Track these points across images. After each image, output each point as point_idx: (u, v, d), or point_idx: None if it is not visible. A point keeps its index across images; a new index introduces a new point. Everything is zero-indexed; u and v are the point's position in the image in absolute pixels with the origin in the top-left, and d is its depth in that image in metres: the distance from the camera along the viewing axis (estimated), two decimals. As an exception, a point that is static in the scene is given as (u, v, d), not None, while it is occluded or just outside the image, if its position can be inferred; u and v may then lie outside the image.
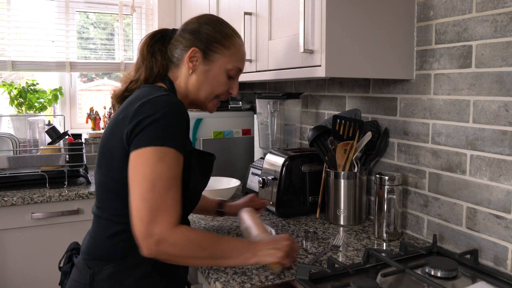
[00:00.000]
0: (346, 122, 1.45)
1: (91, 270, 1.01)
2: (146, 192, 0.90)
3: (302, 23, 1.22)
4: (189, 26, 1.14)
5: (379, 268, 1.07)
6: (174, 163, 0.93)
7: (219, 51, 1.11)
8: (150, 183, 0.90)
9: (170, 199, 0.91)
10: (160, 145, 0.92)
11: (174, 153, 0.94)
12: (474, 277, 1.03)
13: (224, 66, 1.12)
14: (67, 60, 2.62)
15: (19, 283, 1.91)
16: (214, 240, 0.98)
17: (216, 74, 1.12)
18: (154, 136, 0.92)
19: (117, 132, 0.99)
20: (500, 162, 1.10)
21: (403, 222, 1.41)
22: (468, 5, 1.16)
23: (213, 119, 2.12)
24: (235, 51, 1.14)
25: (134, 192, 0.92)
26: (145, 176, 0.91)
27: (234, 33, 1.15)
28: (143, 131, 0.93)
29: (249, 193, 1.80)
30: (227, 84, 1.15)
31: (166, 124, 0.94)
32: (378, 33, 1.26)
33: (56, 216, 1.94)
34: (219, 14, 1.92)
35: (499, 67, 1.09)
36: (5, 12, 2.48)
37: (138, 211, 0.90)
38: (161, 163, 0.91)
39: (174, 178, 0.93)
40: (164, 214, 0.90)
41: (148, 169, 0.91)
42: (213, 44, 1.11)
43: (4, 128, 2.55)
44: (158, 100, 0.96)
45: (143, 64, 1.13)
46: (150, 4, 2.86)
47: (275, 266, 1.02)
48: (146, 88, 1.07)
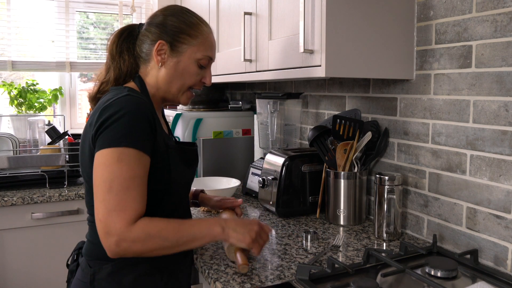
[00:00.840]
0: (346, 122, 1.45)
1: (92, 269, 1.03)
2: (104, 193, 0.91)
3: (302, 23, 1.22)
4: (154, 19, 1.12)
5: (379, 268, 1.07)
6: (134, 162, 0.93)
7: (186, 42, 1.09)
8: (107, 184, 0.91)
9: (128, 198, 0.91)
10: (118, 146, 0.92)
11: (134, 153, 0.93)
12: (474, 277, 1.03)
13: (193, 56, 1.09)
14: (67, 60, 2.62)
15: (19, 283, 1.91)
16: (175, 227, 0.95)
17: (186, 65, 1.09)
18: (113, 137, 0.93)
19: (85, 139, 1.01)
20: (500, 162, 1.10)
21: (403, 222, 1.41)
22: (468, 5, 1.16)
23: (213, 119, 2.12)
24: (203, 40, 1.11)
25: (95, 193, 0.93)
26: (103, 178, 0.91)
27: (200, 22, 1.12)
28: (103, 133, 0.94)
29: (249, 193, 1.81)
30: (199, 74, 1.12)
31: (125, 124, 0.94)
32: (378, 33, 1.26)
33: (56, 216, 1.93)
34: (219, 14, 1.93)
35: (499, 67, 1.09)
36: (5, 12, 2.48)
37: (97, 212, 0.91)
38: (118, 163, 0.91)
39: (133, 177, 0.92)
40: (120, 213, 0.90)
41: (105, 170, 0.92)
42: (179, 35, 1.09)
43: (4, 128, 2.55)
44: (117, 101, 0.97)
45: (112, 64, 1.12)
46: (150, 4, 2.86)
47: (242, 266, 1.01)
48: (112, 92, 1.06)
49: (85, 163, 1.03)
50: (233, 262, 1.12)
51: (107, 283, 1.02)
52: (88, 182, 1.04)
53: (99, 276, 1.02)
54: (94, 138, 0.96)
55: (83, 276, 1.04)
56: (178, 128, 2.06)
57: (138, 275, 1.03)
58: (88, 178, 1.03)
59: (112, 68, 1.12)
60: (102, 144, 0.93)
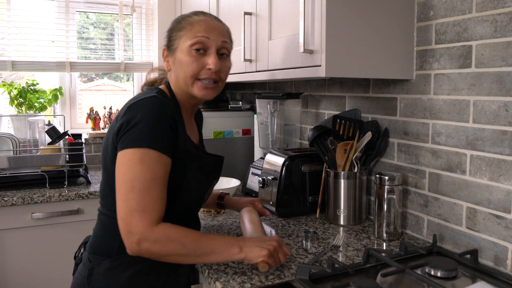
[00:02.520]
0: (346, 122, 1.45)
1: (91, 264, 1.05)
2: (126, 192, 0.94)
3: (302, 23, 1.22)
4: None
5: (379, 268, 1.07)
6: (155, 164, 0.96)
7: (176, 37, 1.11)
8: (129, 183, 0.94)
9: (149, 199, 0.94)
10: (140, 147, 0.95)
11: (155, 155, 0.96)
12: (474, 277, 1.03)
13: (184, 46, 1.08)
14: (67, 60, 2.62)
15: (19, 283, 1.91)
16: (196, 237, 0.98)
17: (181, 57, 1.09)
18: (136, 138, 0.95)
19: (111, 132, 1.04)
20: (500, 162, 1.10)
21: (403, 222, 1.41)
22: (468, 5, 1.16)
23: (213, 119, 2.12)
24: (191, 27, 1.09)
25: (117, 192, 0.96)
26: (126, 177, 0.95)
27: (189, 14, 1.13)
28: (127, 133, 0.96)
29: (249, 193, 1.81)
30: (197, 61, 1.07)
31: (147, 126, 0.96)
32: (378, 33, 1.26)
33: (56, 216, 1.93)
34: (219, 14, 1.93)
35: (499, 67, 1.09)
36: (5, 12, 2.48)
37: (119, 210, 0.95)
38: (140, 164, 0.94)
39: (155, 179, 0.95)
40: (143, 213, 0.93)
41: (128, 170, 0.95)
42: (170, 34, 1.13)
43: (4, 128, 2.55)
44: (142, 102, 1.00)
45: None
46: (150, 4, 2.86)
47: (262, 265, 1.01)
48: (145, 91, 1.11)
49: (106, 154, 1.06)
50: (233, 262, 1.12)
51: (104, 279, 1.04)
52: (106, 172, 1.07)
53: (97, 271, 1.04)
54: (117, 135, 0.99)
55: (83, 270, 1.07)
56: (178, 128, 2.05)
57: (135, 273, 1.04)
58: (106, 168, 1.07)
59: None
60: (126, 144, 0.96)
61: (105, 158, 1.07)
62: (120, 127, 0.98)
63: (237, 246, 1.00)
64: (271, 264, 1.01)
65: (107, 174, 1.07)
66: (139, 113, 0.97)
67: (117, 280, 1.04)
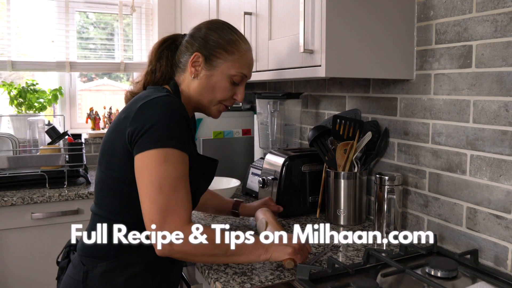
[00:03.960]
0: (346, 122, 1.44)
1: (85, 267, 1.02)
2: (154, 194, 0.92)
3: (302, 23, 1.22)
4: (196, 32, 1.15)
5: (379, 268, 1.07)
6: (179, 162, 0.95)
7: (221, 57, 1.10)
8: (157, 184, 0.92)
9: (179, 198, 0.94)
10: (163, 147, 0.94)
11: (178, 153, 0.95)
12: (474, 277, 1.03)
13: (226, 71, 1.11)
14: (67, 60, 2.62)
15: (19, 283, 1.91)
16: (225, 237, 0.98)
17: (218, 80, 1.11)
18: (156, 138, 0.94)
19: (119, 131, 1.00)
20: (500, 162, 1.10)
21: (403, 222, 1.40)
22: (468, 5, 1.16)
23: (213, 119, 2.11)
24: (239, 57, 1.12)
25: (143, 195, 0.95)
26: (152, 178, 0.93)
27: (240, 39, 1.14)
28: (146, 133, 0.94)
29: (249, 193, 1.81)
30: (231, 90, 1.13)
31: (167, 125, 0.95)
32: (378, 33, 1.26)
33: (56, 216, 1.93)
34: (219, 14, 1.92)
35: (499, 67, 1.09)
36: (5, 12, 2.48)
37: (148, 213, 0.93)
38: (165, 164, 0.93)
39: (180, 177, 0.95)
40: (174, 213, 0.93)
41: (154, 171, 0.93)
42: (216, 49, 1.10)
43: (4, 128, 2.55)
44: (157, 101, 0.98)
45: (148, 68, 1.16)
46: (150, 4, 2.86)
47: (288, 262, 1.02)
48: (150, 89, 1.09)
49: (111, 154, 1.02)
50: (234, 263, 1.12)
51: (100, 282, 1.02)
52: (104, 173, 1.05)
53: (92, 275, 1.02)
54: (131, 136, 0.96)
55: (75, 274, 1.04)
56: (178, 128, 2.05)
57: (131, 275, 1.02)
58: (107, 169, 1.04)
59: (147, 71, 1.15)
60: (146, 145, 0.94)
61: (107, 159, 1.04)
62: (135, 129, 0.96)
63: (262, 248, 1.02)
64: (297, 261, 1.03)
65: (105, 174, 1.04)
66: (155, 113, 0.96)
67: (114, 283, 1.01)
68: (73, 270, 1.05)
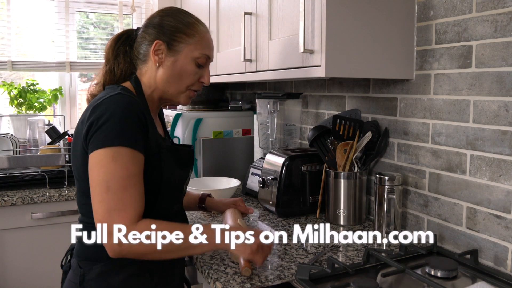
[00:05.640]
0: (346, 122, 1.45)
1: (82, 270, 1.03)
2: (102, 193, 0.91)
3: (302, 23, 1.22)
4: (152, 20, 1.12)
5: (379, 268, 1.07)
6: (129, 161, 0.93)
7: (183, 41, 1.09)
8: (104, 184, 0.91)
9: (127, 197, 0.91)
10: (112, 146, 0.92)
11: (128, 152, 0.93)
12: (474, 277, 1.03)
13: (190, 55, 1.09)
14: (67, 60, 2.62)
15: (19, 283, 1.91)
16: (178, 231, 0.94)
17: (184, 64, 1.09)
18: (105, 137, 0.93)
19: (77, 135, 1.01)
20: (500, 162, 1.10)
21: (403, 222, 1.41)
22: (468, 5, 1.16)
23: (213, 119, 2.12)
24: (200, 39, 1.11)
25: (92, 194, 0.93)
26: (100, 178, 0.92)
27: (196, 21, 1.13)
28: (96, 133, 0.94)
29: (249, 193, 1.81)
30: (197, 73, 1.11)
31: (116, 123, 0.94)
32: (378, 33, 1.26)
33: (56, 216, 1.93)
34: (219, 14, 1.92)
35: (499, 67, 1.09)
36: (5, 12, 2.48)
37: (96, 213, 0.92)
38: (113, 163, 0.92)
39: (130, 176, 0.93)
40: (121, 213, 0.90)
41: (101, 171, 0.92)
42: (175, 34, 1.09)
43: (4, 128, 2.55)
44: (107, 101, 0.97)
45: (105, 67, 1.13)
46: (150, 4, 2.86)
47: (245, 269, 1.01)
48: (106, 90, 1.07)
49: (76, 161, 1.02)
50: (233, 262, 1.12)
51: (96, 284, 1.01)
52: (78, 181, 1.04)
53: (89, 277, 1.02)
54: (86, 138, 0.96)
55: (73, 277, 1.04)
56: (178, 128, 2.05)
57: (128, 276, 1.02)
58: (78, 176, 1.03)
59: (106, 71, 1.13)
60: (96, 145, 0.93)
61: (75, 166, 1.03)
62: (88, 129, 0.95)
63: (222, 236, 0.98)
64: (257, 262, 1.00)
65: (79, 182, 1.03)
66: (105, 112, 0.95)
67: (110, 284, 1.01)
68: (72, 274, 1.06)
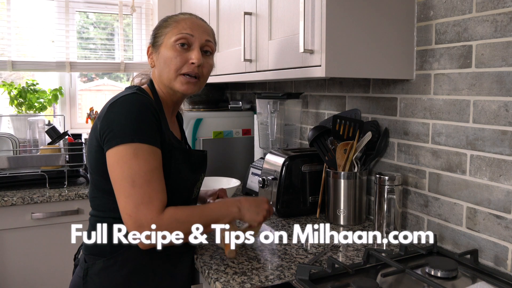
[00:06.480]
0: (346, 122, 1.45)
1: (86, 264, 1.06)
2: (128, 188, 0.95)
3: (302, 23, 1.22)
4: None
5: (379, 268, 1.07)
6: (149, 156, 0.98)
7: (161, 34, 1.14)
8: (129, 179, 0.95)
9: (152, 190, 0.96)
10: (131, 142, 0.96)
11: (147, 147, 0.98)
12: (474, 277, 1.03)
13: (168, 42, 1.12)
14: (67, 60, 2.62)
15: (19, 283, 1.91)
16: (199, 211, 1.04)
17: (164, 52, 1.12)
18: (124, 134, 0.97)
19: (94, 130, 1.05)
20: (500, 162, 1.10)
21: (403, 222, 1.41)
22: (468, 5, 1.16)
23: (213, 119, 2.12)
24: (175, 23, 1.14)
25: (117, 190, 0.97)
26: (124, 174, 0.96)
27: (174, 14, 1.19)
28: (113, 130, 0.97)
29: (249, 193, 1.81)
30: (179, 55, 1.11)
31: (133, 121, 0.98)
32: (378, 33, 1.26)
33: (56, 216, 1.93)
34: (219, 14, 1.92)
35: (499, 67, 1.09)
36: (5, 12, 2.48)
37: (124, 207, 0.95)
38: (135, 159, 0.96)
39: (152, 170, 0.98)
40: (149, 205, 0.95)
41: (125, 167, 0.96)
42: (156, 32, 1.16)
43: (4, 128, 2.55)
44: (122, 99, 1.01)
45: None
46: (150, 4, 2.86)
47: (229, 251, 1.08)
48: (124, 90, 1.12)
49: (90, 155, 1.07)
50: (233, 262, 1.12)
51: (99, 278, 1.05)
52: (91, 174, 1.09)
53: (92, 271, 1.05)
54: (101, 134, 1.00)
55: (79, 271, 1.09)
56: (178, 128, 2.05)
57: (130, 271, 1.05)
58: (91, 169, 1.08)
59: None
60: (115, 142, 0.97)
61: (89, 159, 1.08)
62: (103, 127, 0.99)
63: (235, 206, 1.09)
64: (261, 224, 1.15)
65: (92, 176, 1.09)
66: (121, 110, 0.99)
67: (112, 279, 1.04)
68: (79, 268, 1.10)
